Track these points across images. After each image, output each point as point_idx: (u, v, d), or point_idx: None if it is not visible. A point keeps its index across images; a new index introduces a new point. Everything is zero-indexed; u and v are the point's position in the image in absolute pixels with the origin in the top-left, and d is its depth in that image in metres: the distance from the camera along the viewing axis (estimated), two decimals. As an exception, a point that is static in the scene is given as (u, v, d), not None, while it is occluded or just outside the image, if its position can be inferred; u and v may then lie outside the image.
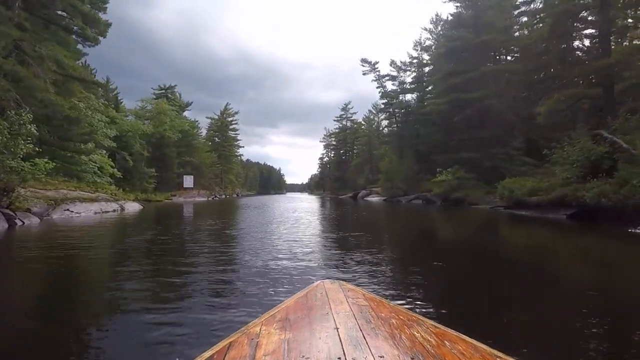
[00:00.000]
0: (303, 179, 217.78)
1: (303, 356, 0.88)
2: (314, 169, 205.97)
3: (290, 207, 21.06)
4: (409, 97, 42.02)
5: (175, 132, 38.09)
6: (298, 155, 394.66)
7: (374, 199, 36.09)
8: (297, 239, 7.30)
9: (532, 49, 20.34)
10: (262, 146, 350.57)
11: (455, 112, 23.30)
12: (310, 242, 7.07)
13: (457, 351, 0.94)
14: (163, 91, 56.89)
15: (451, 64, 24.24)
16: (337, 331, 1.00)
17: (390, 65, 42.24)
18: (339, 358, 0.85)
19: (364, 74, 47.22)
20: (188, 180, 41.72)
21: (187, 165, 45.68)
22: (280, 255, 5.45)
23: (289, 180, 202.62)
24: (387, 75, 42.91)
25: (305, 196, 66.53)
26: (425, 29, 34.96)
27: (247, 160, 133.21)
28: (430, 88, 33.44)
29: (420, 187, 28.05)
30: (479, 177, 21.77)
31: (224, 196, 53.82)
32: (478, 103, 22.46)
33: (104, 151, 21.85)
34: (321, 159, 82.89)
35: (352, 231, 9.64)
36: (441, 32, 31.52)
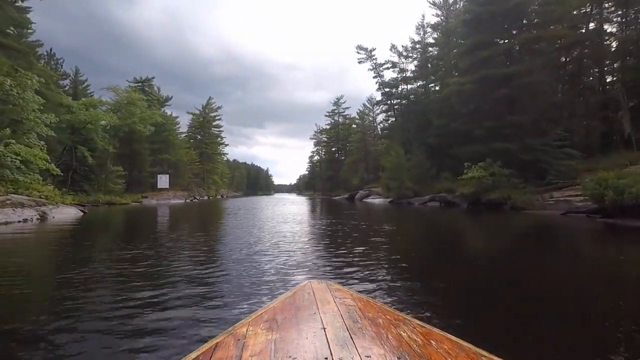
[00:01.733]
0: (291, 179, 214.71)
1: (290, 356, 0.87)
2: (302, 169, 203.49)
3: (280, 212, 16.47)
4: (404, 87, 37.93)
5: (146, 125, 32.82)
6: (286, 156, 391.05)
7: (376, 200, 31.70)
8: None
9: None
10: (249, 147, 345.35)
11: (484, 92, 19.07)
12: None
13: (443, 350, 0.94)
14: (139, 84, 51.50)
15: (477, 35, 19.91)
16: (324, 331, 1.00)
17: (391, 50, 38.16)
18: (326, 358, 0.85)
19: (359, 62, 43.22)
20: (163, 180, 36.52)
21: (163, 164, 40.40)
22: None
23: (277, 181, 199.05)
24: (387, 62, 38.78)
25: (294, 197, 61.57)
26: (434, 3, 30.80)
27: (234, 160, 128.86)
28: (439, 73, 29.27)
29: (434, 186, 23.80)
30: (514, 173, 17.58)
31: (206, 197, 48.64)
32: (516, 80, 18.25)
33: (43, 143, 16.78)
34: (311, 157, 78.03)
35: (393, 271, 5.12)
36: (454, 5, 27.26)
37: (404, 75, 36.95)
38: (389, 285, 3.75)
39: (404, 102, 37.51)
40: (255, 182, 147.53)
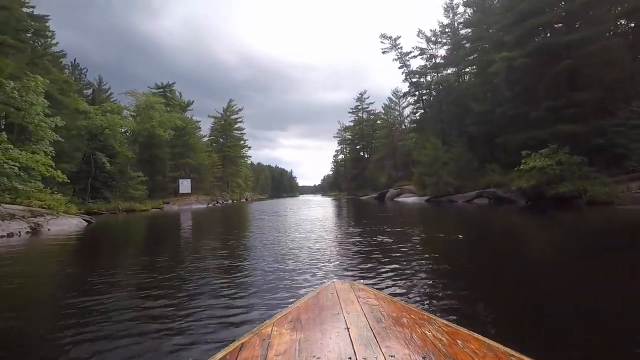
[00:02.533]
0: (315, 180, 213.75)
1: (314, 356, 0.88)
2: (326, 170, 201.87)
3: (306, 218, 14.37)
4: (435, 75, 34.90)
5: (166, 129, 31.72)
6: (309, 158, 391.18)
7: (410, 199, 28.97)
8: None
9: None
10: (273, 150, 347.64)
11: (541, 67, 16.15)
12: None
13: (469, 350, 0.92)
14: (161, 90, 51.25)
15: (523, 3, 16.89)
16: (348, 331, 0.99)
17: (418, 36, 35.29)
18: (350, 358, 0.85)
19: (383, 53, 40.41)
20: (185, 185, 35.39)
21: (185, 168, 39.42)
22: None
23: (301, 182, 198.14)
24: (416, 48, 35.93)
25: (319, 199, 59.32)
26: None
27: (259, 164, 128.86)
28: (476, 55, 26.22)
29: (478, 181, 20.94)
30: (585, 161, 14.58)
31: (230, 202, 47.45)
32: (579, 50, 15.26)
33: (52, 149, 15.56)
34: (335, 157, 75.49)
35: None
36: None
37: (434, 62, 33.98)
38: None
39: (435, 91, 34.57)
40: (280, 184, 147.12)
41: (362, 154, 62.76)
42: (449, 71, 33.39)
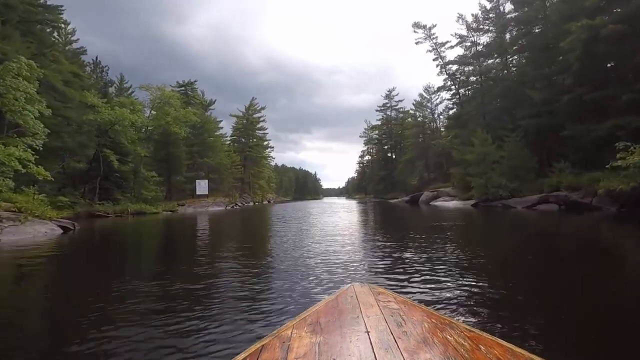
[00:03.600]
0: (339, 183, 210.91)
1: (334, 359, 0.88)
2: (349, 172, 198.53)
3: (332, 225, 11.48)
4: (477, 64, 31.04)
5: (181, 125, 29.66)
6: (333, 160, 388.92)
7: (449, 203, 25.33)
8: None
9: None
10: (297, 152, 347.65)
11: (635, 35, 12.41)
12: None
13: (493, 356, 0.90)
14: (182, 88, 49.99)
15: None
16: (368, 334, 0.98)
17: (457, 21, 31.63)
18: None
19: (416, 43, 37.21)
20: (202, 186, 33.31)
21: (203, 168, 37.42)
22: None
23: (325, 185, 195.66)
24: (455, 35, 32.30)
25: (343, 201, 56.07)
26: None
27: (282, 165, 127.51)
28: (529, 37, 22.34)
29: (539, 183, 17.22)
30: None
31: (251, 203, 45.25)
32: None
33: (39, 142, 13.43)
34: (361, 157, 71.75)
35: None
36: None
37: (476, 49, 30.18)
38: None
39: (477, 83, 30.76)
40: (304, 186, 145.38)
41: (389, 154, 59.11)
42: (494, 61, 29.47)
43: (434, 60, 36.92)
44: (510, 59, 27.66)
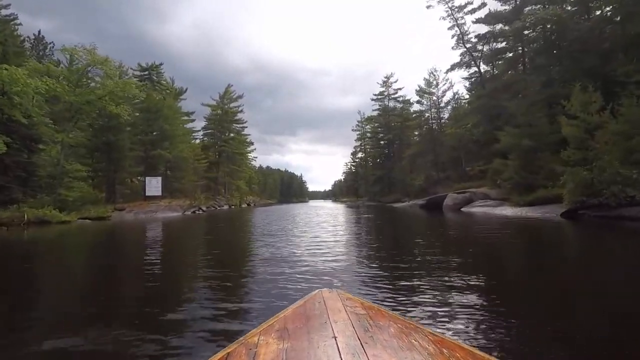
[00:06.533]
0: (325, 186, 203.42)
1: None
2: (336, 175, 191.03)
3: (320, 246, 3.72)
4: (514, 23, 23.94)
5: (119, 103, 21.39)
6: (319, 163, 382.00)
7: (505, 211, 17.49)
8: None
9: None
10: (282, 155, 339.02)
11: None
12: None
13: (455, 359, 0.91)
14: (146, 72, 41.50)
15: None
16: (336, 340, 0.98)
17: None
18: None
19: (427, 7, 30.34)
20: (153, 185, 25.11)
21: (160, 162, 29.06)
22: None
23: (311, 187, 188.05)
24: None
25: (331, 205, 48.21)
26: None
27: (267, 167, 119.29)
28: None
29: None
30: None
31: (226, 207, 37.13)
32: None
33: None
34: (353, 154, 63.84)
35: None
36: None
37: (516, 3, 23.13)
38: None
39: (521, 41, 23.67)
40: (289, 188, 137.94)
41: (387, 150, 51.77)
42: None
43: (449, 29, 30.02)
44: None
